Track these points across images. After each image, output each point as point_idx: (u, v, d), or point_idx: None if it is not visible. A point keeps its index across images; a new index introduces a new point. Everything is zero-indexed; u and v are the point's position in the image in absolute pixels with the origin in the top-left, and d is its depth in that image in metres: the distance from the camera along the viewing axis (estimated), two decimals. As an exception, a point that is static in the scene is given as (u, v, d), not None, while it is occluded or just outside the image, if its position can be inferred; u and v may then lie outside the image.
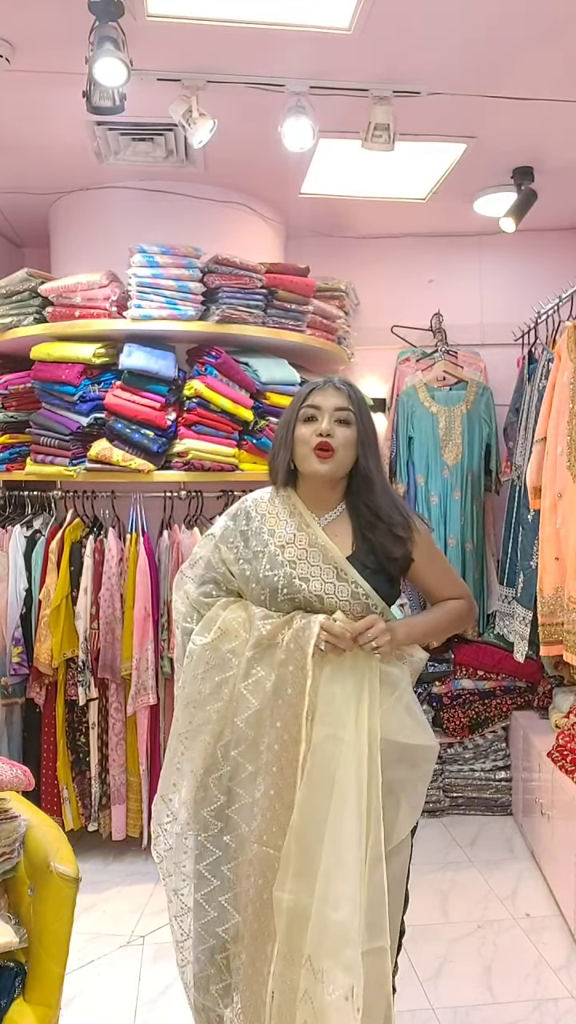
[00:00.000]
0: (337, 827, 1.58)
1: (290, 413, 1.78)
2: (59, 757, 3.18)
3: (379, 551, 1.74)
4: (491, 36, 2.38)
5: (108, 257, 3.23)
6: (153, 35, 2.36)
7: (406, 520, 1.77)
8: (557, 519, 2.78)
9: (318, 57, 2.47)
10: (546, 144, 3.11)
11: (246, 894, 1.67)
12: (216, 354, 3.17)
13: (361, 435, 1.74)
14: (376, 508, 1.74)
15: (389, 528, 1.73)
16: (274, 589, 1.71)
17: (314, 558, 1.71)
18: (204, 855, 1.74)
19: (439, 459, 3.80)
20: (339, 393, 1.75)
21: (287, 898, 1.58)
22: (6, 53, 2.41)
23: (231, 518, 1.84)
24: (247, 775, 1.69)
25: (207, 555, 1.84)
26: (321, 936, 1.55)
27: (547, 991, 2.43)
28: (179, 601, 1.85)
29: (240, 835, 1.69)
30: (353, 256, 4.04)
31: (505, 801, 3.69)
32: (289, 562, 1.71)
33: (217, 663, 1.73)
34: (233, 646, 1.73)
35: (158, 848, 1.81)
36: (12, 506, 3.51)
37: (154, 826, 1.83)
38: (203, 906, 1.75)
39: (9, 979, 1.66)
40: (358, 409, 1.75)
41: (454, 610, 1.84)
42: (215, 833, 1.73)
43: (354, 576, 1.70)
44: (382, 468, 1.79)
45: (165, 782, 1.79)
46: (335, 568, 1.71)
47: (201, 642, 1.75)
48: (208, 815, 1.73)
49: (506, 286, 4.07)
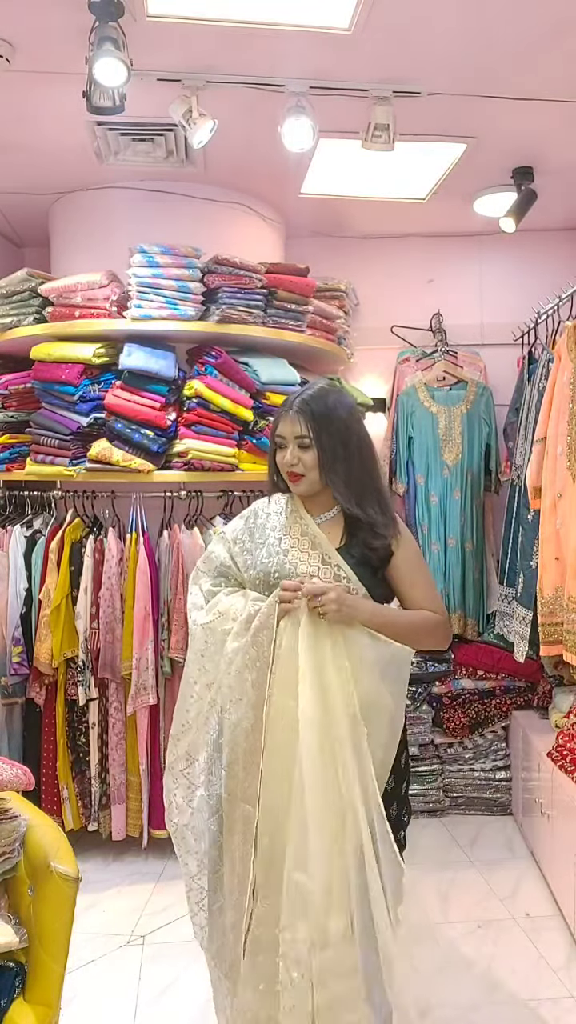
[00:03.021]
0: (302, 792, 1.66)
1: (271, 440, 1.94)
2: (59, 757, 3.18)
3: (362, 544, 1.88)
4: (491, 36, 2.38)
5: (108, 257, 3.23)
6: (153, 35, 2.36)
7: (388, 520, 1.89)
8: (557, 519, 2.78)
9: (318, 57, 2.47)
10: (546, 144, 3.11)
11: (234, 851, 1.78)
12: (216, 354, 3.17)
13: (322, 456, 1.84)
14: (353, 512, 1.87)
15: (371, 526, 1.86)
16: (267, 572, 1.87)
17: (304, 545, 1.88)
18: (211, 812, 1.87)
19: (439, 459, 3.80)
20: (296, 420, 1.84)
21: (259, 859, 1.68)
22: (6, 53, 2.41)
23: (243, 518, 2.01)
24: (232, 733, 1.80)
25: (219, 551, 1.98)
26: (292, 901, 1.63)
27: (547, 991, 2.43)
28: (194, 594, 1.98)
29: (231, 791, 1.80)
30: (353, 256, 4.04)
31: (505, 801, 3.69)
32: (283, 550, 1.88)
33: (215, 643, 1.87)
34: (229, 627, 1.86)
35: (173, 817, 1.93)
36: (12, 506, 3.51)
37: (166, 792, 1.94)
38: (214, 856, 1.86)
39: (9, 979, 1.66)
40: (316, 431, 1.83)
41: (429, 618, 1.89)
42: (215, 792, 1.86)
43: (337, 560, 1.85)
44: (361, 476, 1.87)
45: (170, 753, 1.94)
46: (321, 554, 1.86)
47: (201, 621, 1.90)
48: (209, 775, 1.86)
49: (506, 286, 4.07)
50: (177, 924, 2.79)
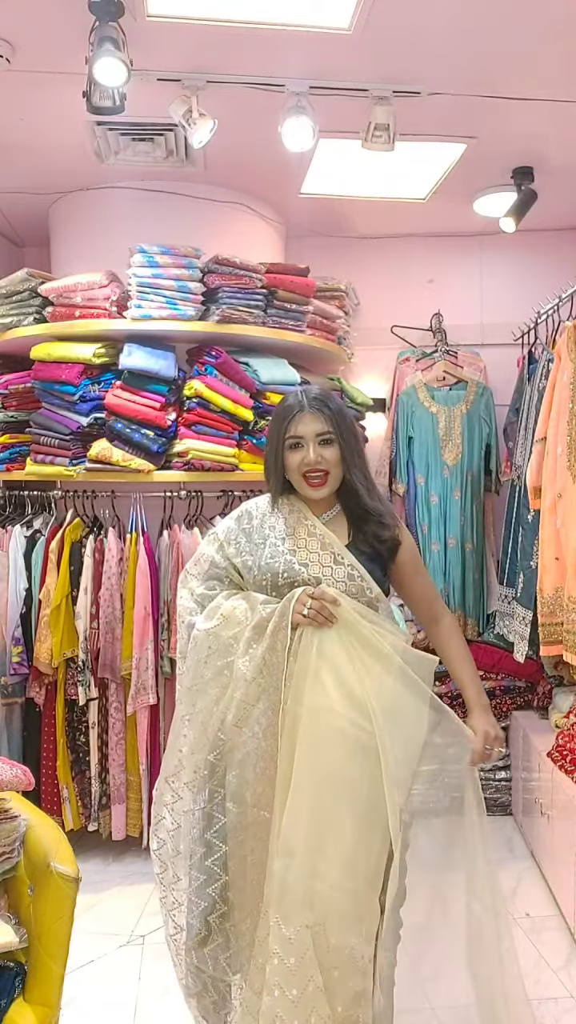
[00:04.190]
0: (321, 793, 1.65)
1: (275, 441, 1.89)
2: (59, 757, 3.18)
3: (370, 538, 1.88)
4: (491, 36, 2.38)
5: (108, 257, 3.23)
6: (153, 35, 2.36)
7: (391, 511, 1.94)
8: (557, 519, 2.78)
9: (318, 57, 2.47)
10: (546, 144, 3.11)
11: (244, 859, 1.75)
12: (216, 354, 3.17)
13: (344, 451, 1.85)
14: (364, 505, 1.89)
15: (378, 518, 1.88)
16: (275, 574, 1.82)
17: (312, 546, 1.85)
18: (212, 823, 1.81)
19: (439, 459, 3.80)
20: (316, 417, 1.84)
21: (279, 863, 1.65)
22: (6, 53, 2.41)
23: (234, 519, 1.96)
24: (243, 741, 1.77)
25: (211, 553, 1.94)
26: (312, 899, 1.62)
27: (547, 991, 2.43)
28: (184, 597, 1.94)
29: (241, 800, 1.76)
30: (353, 256, 4.04)
31: (505, 801, 3.69)
32: (289, 550, 1.84)
33: (219, 648, 1.82)
34: (235, 632, 1.81)
35: (159, 833, 1.88)
36: (12, 506, 3.51)
37: (156, 807, 1.89)
38: (215, 871, 1.81)
39: (9, 979, 1.66)
40: (337, 426, 1.85)
41: (462, 639, 2.03)
42: (219, 800, 1.80)
43: (350, 559, 1.83)
44: (367, 472, 1.92)
45: (167, 765, 1.88)
46: (332, 553, 1.83)
47: (204, 627, 1.84)
48: (213, 785, 1.81)
49: (506, 286, 4.07)
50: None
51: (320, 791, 1.67)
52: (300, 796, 1.66)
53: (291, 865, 1.63)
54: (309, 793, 1.66)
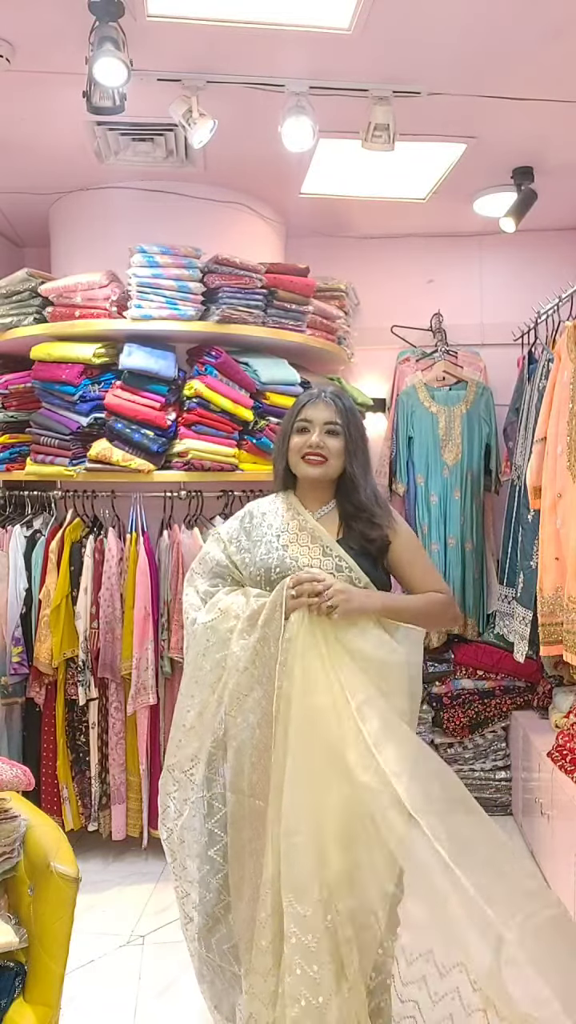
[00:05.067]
0: (316, 783, 1.68)
1: (287, 425, 2.00)
2: (59, 757, 3.18)
3: (360, 535, 1.93)
4: (491, 36, 2.38)
5: (108, 257, 3.23)
6: (153, 35, 2.36)
7: (384, 511, 1.97)
8: (557, 519, 2.78)
9: (318, 57, 2.47)
10: (546, 144, 3.11)
11: (242, 848, 1.79)
12: (216, 354, 3.17)
13: (348, 444, 1.94)
14: (359, 503, 1.95)
15: (369, 517, 1.94)
16: (268, 568, 1.90)
17: (304, 540, 1.92)
18: (212, 812, 1.87)
19: (439, 459, 3.80)
20: (329, 407, 1.95)
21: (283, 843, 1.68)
22: (6, 53, 2.41)
23: (237, 519, 2.04)
24: (238, 730, 1.82)
25: (215, 552, 2.01)
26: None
27: (547, 991, 2.43)
28: (190, 595, 2.00)
29: (239, 789, 1.81)
30: (353, 256, 4.04)
31: (505, 801, 3.69)
32: (283, 545, 1.91)
33: (217, 641, 1.89)
34: (231, 624, 1.88)
35: (166, 823, 1.93)
36: (12, 506, 3.51)
37: (161, 797, 1.95)
38: (217, 860, 1.87)
39: (9, 979, 1.66)
40: (345, 420, 1.95)
41: (436, 599, 1.96)
42: (219, 790, 1.87)
43: (338, 551, 1.90)
44: (368, 470, 1.99)
45: (170, 754, 1.95)
46: (322, 546, 1.90)
47: (203, 620, 1.92)
48: (211, 774, 1.88)
49: (506, 286, 4.07)
50: (177, 924, 2.74)
51: (315, 768, 1.69)
52: (298, 775, 1.68)
53: (297, 844, 1.65)
54: (306, 772, 1.69)
